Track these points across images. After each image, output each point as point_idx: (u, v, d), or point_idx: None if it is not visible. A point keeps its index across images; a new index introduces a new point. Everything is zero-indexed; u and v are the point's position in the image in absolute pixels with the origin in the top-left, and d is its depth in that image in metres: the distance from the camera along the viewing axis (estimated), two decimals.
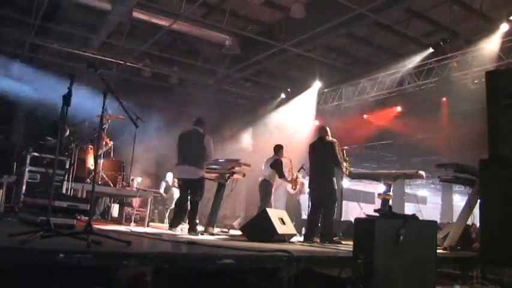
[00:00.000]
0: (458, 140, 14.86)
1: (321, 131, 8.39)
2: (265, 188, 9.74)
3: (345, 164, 8.39)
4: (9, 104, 13.03)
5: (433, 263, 3.89)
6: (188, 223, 7.73)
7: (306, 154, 8.64)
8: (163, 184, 12.60)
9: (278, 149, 10.00)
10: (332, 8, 10.42)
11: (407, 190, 21.55)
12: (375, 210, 4.40)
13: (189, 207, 7.72)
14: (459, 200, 25.38)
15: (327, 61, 13.68)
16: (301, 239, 8.34)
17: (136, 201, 10.67)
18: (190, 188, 7.69)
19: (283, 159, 9.99)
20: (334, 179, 8.02)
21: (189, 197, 7.74)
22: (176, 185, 9.87)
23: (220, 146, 14.79)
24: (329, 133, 8.28)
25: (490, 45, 10.64)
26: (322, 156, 8.12)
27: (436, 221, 4.28)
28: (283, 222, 7.09)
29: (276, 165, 9.75)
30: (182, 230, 7.95)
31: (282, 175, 9.77)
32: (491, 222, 4.55)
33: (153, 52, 13.47)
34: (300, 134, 14.99)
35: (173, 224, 7.69)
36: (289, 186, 10.88)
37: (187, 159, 7.70)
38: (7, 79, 12.61)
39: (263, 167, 9.88)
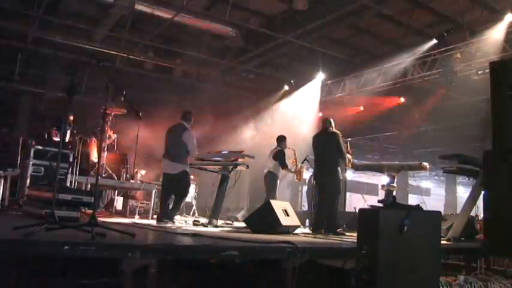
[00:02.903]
0: (461, 131, 14.86)
1: (324, 123, 8.40)
2: (271, 179, 9.76)
3: (348, 156, 8.41)
4: (12, 97, 13.06)
5: (437, 253, 3.88)
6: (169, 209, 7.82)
7: (309, 146, 8.66)
8: None
9: (281, 140, 10.01)
10: None
11: (411, 182, 21.58)
12: (379, 201, 4.40)
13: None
14: (463, 192, 25.41)
15: (330, 53, 13.62)
16: (305, 230, 8.37)
17: (140, 194, 10.69)
18: (172, 182, 7.76)
19: (286, 150, 9.99)
20: (339, 169, 8.05)
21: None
22: None
23: (224, 138, 14.81)
24: (333, 124, 8.30)
25: (495, 36, 10.58)
26: (325, 147, 8.15)
27: (440, 212, 4.27)
28: (287, 214, 7.10)
29: (278, 155, 9.76)
30: (186, 222, 7.97)
31: (284, 165, 9.77)
32: (495, 213, 4.55)
33: (156, 45, 13.44)
34: (304, 126, 14.97)
35: (158, 219, 7.69)
36: (294, 176, 10.84)
37: (168, 153, 7.85)
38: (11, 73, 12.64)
39: (267, 159, 9.89)
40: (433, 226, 3.88)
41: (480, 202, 6.73)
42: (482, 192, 6.63)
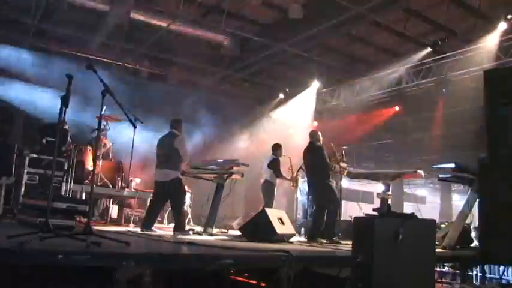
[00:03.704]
0: (456, 139, 14.89)
1: (311, 136, 8.49)
2: (268, 188, 9.75)
3: (343, 164, 8.44)
4: (7, 105, 13.02)
5: (432, 261, 3.89)
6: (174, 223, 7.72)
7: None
8: None
9: (276, 148, 10.01)
10: (330, 8, 10.43)
11: (406, 190, 21.53)
12: (374, 209, 4.41)
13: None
14: (458, 199, 25.39)
15: (325, 61, 13.68)
16: (301, 238, 8.36)
17: (135, 202, 10.66)
18: (165, 190, 7.69)
19: (282, 158, 9.99)
20: (329, 180, 8.08)
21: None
22: None
23: (219, 147, 14.80)
24: (319, 138, 8.41)
25: (488, 44, 10.66)
26: (312, 161, 8.29)
27: (434, 220, 4.29)
28: (282, 222, 7.09)
29: (273, 164, 9.76)
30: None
31: (279, 174, 9.77)
32: (490, 221, 4.56)
33: (152, 53, 13.46)
34: (299, 134, 14.98)
35: (144, 225, 7.55)
36: (290, 184, 10.82)
37: (161, 162, 7.75)
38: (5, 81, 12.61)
39: (263, 168, 9.88)
40: (428, 234, 3.89)
41: (475, 210, 6.74)
42: (477, 200, 6.66)
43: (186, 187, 11.29)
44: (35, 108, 12.44)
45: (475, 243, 7.46)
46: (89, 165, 9.64)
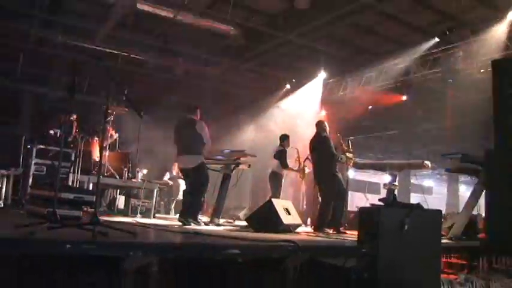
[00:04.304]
0: (463, 129, 14.83)
1: (317, 127, 8.46)
2: (275, 179, 9.74)
3: (349, 155, 8.41)
4: (15, 96, 13.09)
5: (438, 251, 3.89)
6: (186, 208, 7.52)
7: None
8: (168, 174, 12.73)
9: (283, 138, 9.96)
10: None
11: (413, 180, 21.54)
12: (380, 200, 4.40)
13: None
14: (465, 190, 25.35)
15: (332, 51, 13.63)
16: (307, 229, 8.38)
17: (142, 193, 10.70)
18: (190, 176, 7.62)
19: (289, 149, 9.96)
20: (335, 171, 8.06)
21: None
22: (181, 175, 9.86)
23: (226, 137, 14.80)
24: (325, 127, 8.35)
25: (497, 34, 10.57)
26: (319, 152, 8.25)
27: (440, 210, 4.28)
28: (289, 213, 7.11)
29: (279, 155, 9.74)
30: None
31: (285, 165, 9.73)
32: (496, 212, 4.55)
33: (158, 44, 13.45)
34: (306, 125, 14.95)
35: (181, 214, 7.44)
36: (297, 175, 10.80)
37: (183, 148, 7.60)
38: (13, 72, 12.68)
39: (270, 158, 9.87)
40: (434, 224, 3.89)
41: (482, 201, 6.73)
42: (484, 190, 6.64)
43: None
44: (42, 100, 12.51)
45: (482, 233, 7.45)
46: (96, 155, 9.69)
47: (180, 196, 10.47)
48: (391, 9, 10.86)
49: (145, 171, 11.26)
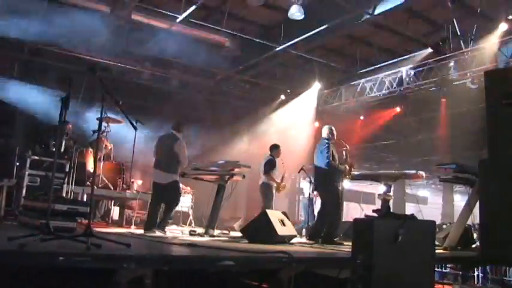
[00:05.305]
0: (458, 140, 14.88)
1: (322, 132, 8.32)
2: (265, 190, 9.70)
3: (343, 166, 8.18)
4: (9, 107, 13.04)
5: (432, 262, 3.89)
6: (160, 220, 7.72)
7: (306, 154, 8.64)
8: None
9: (273, 148, 9.95)
10: (331, 8, 10.43)
11: (408, 190, 21.56)
12: (374, 211, 4.41)
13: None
14: (460, 200, 25.34)
15: (327, 62, 13.69)
16: (302, 240, 8.35)
17: (136, 204, 10.66)
18: (163, 192, 7.71)
19: (278, 160, 9.91)
20: (331, 180, 7.90)
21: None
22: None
23: (221, 148, 14.81)
24: (327, 133, 8.15)
25: (490, 45, 10.66)
26: (316, 158, 8.10)
27: (434, 221, 4.29)
28: (284, 224, 7.10)
29: (265, 163, 9.71)
30: (183, 232, 7.94)
31: (266, 171, 9.67)
32: (491, 222, 4.55)
33: (153, 54, 13.45)
34: (300, 135, 14.99)
35: (146, 228, 7.51)
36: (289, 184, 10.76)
37: (159, 163, 7.77)
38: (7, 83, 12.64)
39: (260, 169, 9.83)
40: (427, 235, 3.89)
41: (477, 211, 6.74)
42: (479, 200, 6.65)
43: (189, 188, 11.28)
44: (36, 110, 12.45)
45: (477, 244, 7.46)
46: (90, 167, 9.65)
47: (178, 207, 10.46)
48: (385, 20, 10.93)
49: (139, 182, 11.23)
